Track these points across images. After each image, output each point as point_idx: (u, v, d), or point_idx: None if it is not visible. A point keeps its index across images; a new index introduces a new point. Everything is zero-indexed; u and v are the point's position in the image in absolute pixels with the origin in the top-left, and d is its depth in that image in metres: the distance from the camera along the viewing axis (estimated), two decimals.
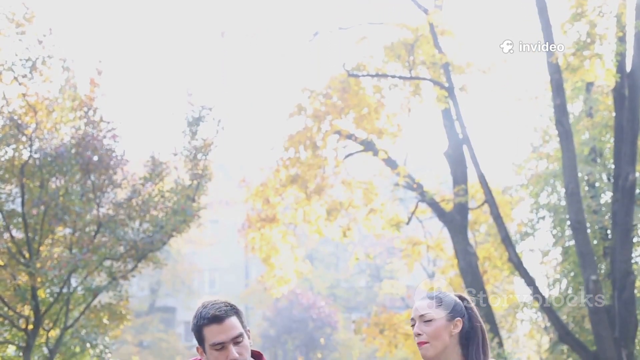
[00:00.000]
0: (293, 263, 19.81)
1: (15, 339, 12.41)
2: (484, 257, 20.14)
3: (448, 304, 4.27)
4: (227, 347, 4.19)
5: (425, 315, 4.22)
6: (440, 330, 4.19)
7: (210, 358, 4.26)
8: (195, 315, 4.27)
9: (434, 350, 4.20)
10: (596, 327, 14.33)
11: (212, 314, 4.20)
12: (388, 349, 20.36)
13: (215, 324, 4.20)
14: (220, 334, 4.19)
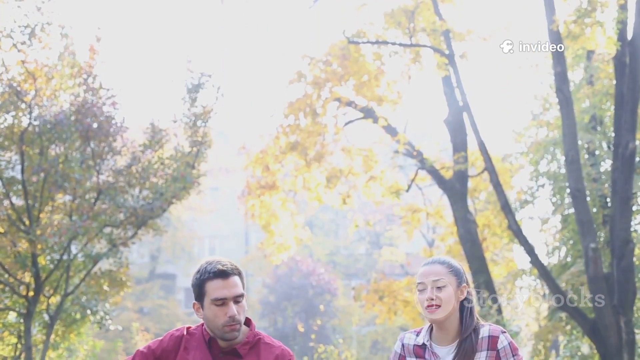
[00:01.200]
0: (293, 230, 19.84)
1: (16, 306, 12.46)
2: (483, 224, 20.18)
3: (457, 270, 4.37)
4: (227, 304, 4.22)
5: (439, 281, 4.28)
6: (452, 297, 4.29)
7: (208, 314, 4.28)
8: (199, 270, 4.30)
9: (443, 314, 4.27)
10: (595, 295, 14.38)
11: (218, 269, 4.24)
12: (387, 316, 20.45)
13: (220, 279, 4.24)
14: (223, 289, 4.23)
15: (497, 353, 4.28)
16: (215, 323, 4.26)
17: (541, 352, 22.06)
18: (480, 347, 4.27)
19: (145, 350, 4.42)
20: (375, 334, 37.71)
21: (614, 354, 14.14)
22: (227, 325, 4.23)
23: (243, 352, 4.33)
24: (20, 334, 12.44)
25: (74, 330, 13.49)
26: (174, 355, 4.37)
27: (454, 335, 4.33)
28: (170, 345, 4.40)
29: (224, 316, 4.22)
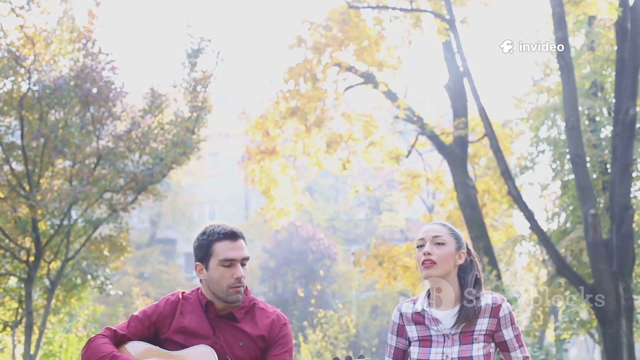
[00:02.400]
0: (293, 195, 19.86)
1: (17, 271, 12.49)
2: (483, 190, 20.19)
3: (457, 235, 4.41)
4: (235, 265, 4.26)
5: (439, 237, 4.32)
6: (449, 256, 4.31)
7: (214, 275, 4.29)
8: (205, 232, 4.33)
9: (438, 272, 4.30)
10: (594, 261, 14.42)
11: (229, 230, 4.29)
12: (387, 281, 20.51)
13: (230, 240, 4.28)
14: (232, 250, 4.27)
15: (498, 321, 4.31)
16: (220, 284, 4.28)
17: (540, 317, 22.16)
18: (483, 314, 4.30)
19: (141, 315, 4.44)
20: (375, 299, 37.85)
21: (613, 319, 14.20)
22: (233, 287, 4.26)
23: (239, 316, 4.36)
24: (21, 298, 12.48)
25: (75, 295, 13.54)
26: (170, 320, 4.40)
27: (453, 300, 4.35)
28: (166, 310, 4.42)
29: (230, 277, 4.25)
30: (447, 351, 4.28)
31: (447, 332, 4.30)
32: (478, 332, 4.29)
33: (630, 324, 14.38)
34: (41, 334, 11.89)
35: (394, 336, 4.47)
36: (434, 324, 4.33)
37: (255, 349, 4.34)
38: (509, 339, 4.34)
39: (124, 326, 4.43)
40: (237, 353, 4.31)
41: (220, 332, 4.35)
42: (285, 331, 4.43)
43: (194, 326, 4.33)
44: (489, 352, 4.29)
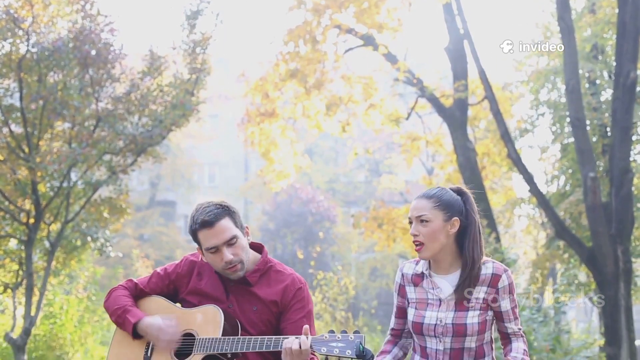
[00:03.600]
0: (292, 157, 19.86)
1: (17, 233, 12.51)
2: (483, 153, 20.18)
3: (446, 203, 4.31)
4: (220, 250, 4.27)
5: (422, 216, 4.27)
6: (437, 232, 4.26)
7: (207, 259, 4.35)
8: (190, 219, 4.36)
9: (429, 252, 4.28)
10: (593, 224, 14.45)
11: (201, 220, 4.28)
12: (386, 243, 20.56)
13: (206, 228, 4.28)
14: (212, 238, 4.27)
15: (497, 291, 4.31)
16: (216, 267, 4.34)
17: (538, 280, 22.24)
18: (482, 283, 4.30)
19: (162, 272, 4.53)
20: (374, 261, 37.95)
21: (611, 282, 14.26)
22: (227, 269, 4.29)
23: (253, 280, 4.38)
24: (22, 260, 12.52)
25: (75, 257, 13.58)
26: (187, 280, 4.46)
27: (451, 266, 4.35)
28: (184, 269, 4.49)
29: (220, 262, 4.28)
30: (441, 316, 4.29)
31: (443, 297, 4.31)
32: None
33: (629, 287, 14.45)
34: (41, 296, 11.93)
35: (397, 295, 4.49)
36: (431, 287, 4.35)
37: (268, 314, 4.36)
38: (505, 310, 4.33)
39: (145, 281, 4.54)
40: (251, 317, 4.34)
41: (233, 296, 4.38)
42: (301, 295, 4.43)
43: (208, 289, 4.39)
44: (484, 320, 4.29)
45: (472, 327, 4.24)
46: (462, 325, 4.24)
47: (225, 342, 4.14)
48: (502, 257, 9.92)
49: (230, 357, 4.19)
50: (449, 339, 4.26)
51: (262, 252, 4.50)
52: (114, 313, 4.38)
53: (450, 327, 4.25)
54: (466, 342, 4.26)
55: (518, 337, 4.40)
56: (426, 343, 4.33)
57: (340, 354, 3.95)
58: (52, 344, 12.58)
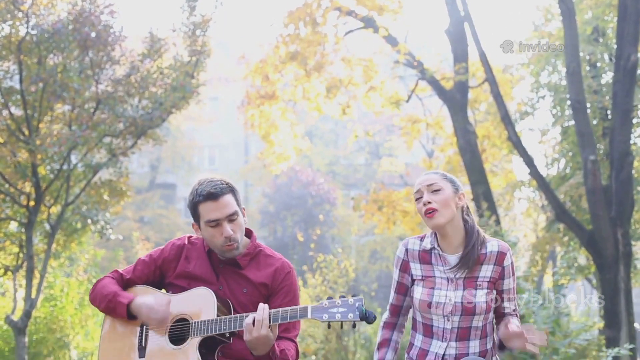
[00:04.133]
0: (292, 140, 19.85)
1: (17, 215, 12.52)
2: (483, 135, 20.17)
3: (452, 179, 4.44)
4: (221, 224, 4.27)
5: (434, 185, 4.32)
6: (449, 200, 4.33)
7: (205, 234, 4.34)
8: (191, 193, 4.35)
9: (444, 219, 4.31)
10: (593, 207, 14.46)
11: (207, 192, 4.27)
12: (386, 226, 20.57)
13: (210, 201, 4.27)
14: (214, 211, 4.27)
15: (502, 269, 4.33)
16: (213, 243, 4.32)
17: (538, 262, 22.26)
18: (488, 261, 4.32)
19: (147, 259, 4.50)
20: (374, 244, 38.00)
21: (611, 265, 14.27)
22: (225, 245, 4.29)
23: (243, 264, 4.39)
24: (22, 243, 12.53)
25: (75, 240, 13.58)
26: (175, 264, 4.45)
27: (459, 244, 4.37)
28: (171, 254, 4.47)
29: (220, 236, 4.28)
30: (450, 295, 4.30)
31: (452, 276, 4.32)
32: (482, 279, 4.31)
33: (628, 270, 14.46)
34: (42, 278, 11.95)
35: (398, 271, 4.48)
36: (441, 264, 4.35)
37: (258, 296, 4.38)
38: (507, 288, 4.38)
39: (130, 270, 4.52)
40: (241, 299, 4.35)
41: (223, 278, 4.39)
42: (289, 280, 4.45)
43: (198, 271, 4.39)
44: (491, 300, 4.32)
45: (481, 306, 4.26)
46: (471, 304, 4.26)
47: (222, 322, 4.14)
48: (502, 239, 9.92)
49: (228, 336, 4.20)
50: (457, 317, 4.28)
51: (252, 237, 4.51)
52: (103, 300, 4.36)
53: (459, 306, 4.26)
54: (474, 321, 4.28)
55: (512, 316, 4.43)
56: (432, 322, 4.34)
57: (342, 319, 3.94)
58: (52, 327, 12.60)
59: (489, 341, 4.33)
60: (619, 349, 9.19)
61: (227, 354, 4.27)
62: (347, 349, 14.82)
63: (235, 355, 4.29)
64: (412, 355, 4.42)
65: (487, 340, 4.34)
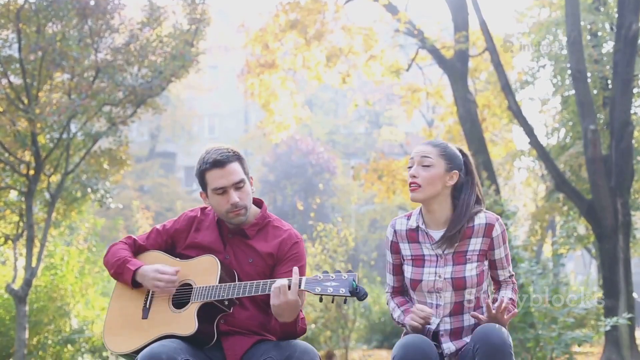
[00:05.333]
0: (292, 109, 19.82)
1: (17, 184, 12.51)
2: (483, 104, 20.13)
3: (450, 155, 4.36)
4: (228, 192, 4.31)
5: (426, 159, 4.29)
6: (436, 178, 4.29)
7: (212, 202, 4.38)
8: (199, 161, 4.39)
9: (423, 195, 4.29)
10: (593, 176, 14.46)
11: (214, 159, 4.30)
12: (386, 195, 20.59)
13: (217, 168, 4.30)
14: (221, 178, 4.31)
15: (491, 240, 4.33)
16: (219, 210, 4.35)
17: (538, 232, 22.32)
18: (476, 234, 4.32)
19: (161, 229, 4.58)
20: (374, 213, 38.07)
21: (610, 235, 14.30)
22: (231, 212, 4.32)
23: (251, 234, 4.42)
24: (22, 212, 12.53)
25: (75, 209, 13.59)
26: (185, 235, 4.51)
27: (445, 221, 4.37)
28: (183, 225, 4.53)
29: (226, 204, 4.30)
30: (440, 271, 4.30)
31: (440, 252, 4.32)
32: (471, 252, 4.32)
33: (627, 240, 14.49)
34: (42, 247, 11.96)
35: (390, 252, 4.49)
36: (427, 241, 4.35)
37: (264, 266, 4.40)
38: (499, 258, 4.38)
39: (144, 237, 4.61)
40: (246, 269, 4.38)
41: (230, 248, 4.42)
42: (296, 249, 4.47)
43: (206, 241, 4.43)
44: (482, 271, 4.33)
45: (472, 280, 4.26)
46: (461, 278, 4.26)
47: (222, 289, 4.17)
48: (501, 209, 9.93)
49: (227, 304, 4.23)
50: (448, 293, 4.29)
51: (262, 207, 4.54)
52: (113, 265, 4.43)
53: (449, 282, 4.27)
54: (466, 294, 4.29)
55: (508, 285, 4.47)
56: (425, 299, 4.35)
57: (334, 292, 3.97)
58: (53, 295, 12.64)
59: (484, 312, 4.35)
60: (618, 318, 9.23)
61: (228, 322, 4.30)
62: (347, 317, 14.88)
63: (237, 324, 4.31)
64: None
65: (482, 311, 4.35)
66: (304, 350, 4.06)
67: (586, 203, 14.78)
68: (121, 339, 4.34)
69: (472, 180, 4.42)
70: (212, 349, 4.24)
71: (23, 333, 11.26)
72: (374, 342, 20.22)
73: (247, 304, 4.34)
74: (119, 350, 4.33)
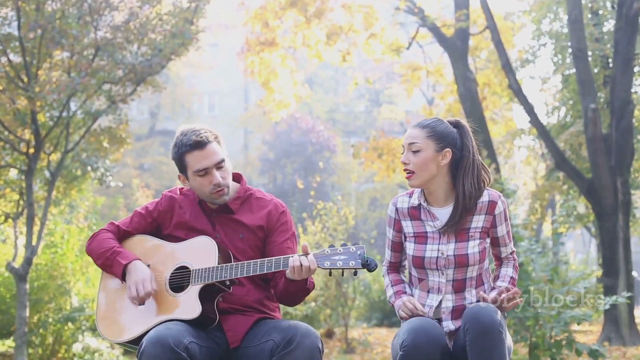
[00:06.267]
0: (292, 87, 19.81)
1: (17, 163, 12.49)
2: (483, 83, 20.11)
3: (440, 134, 4.30)
4: (210, 172, 4.29)
5: (413, 145, 4.27)
6: (427, 161, 4.26)
7: (193, 184, 4.34)
8: (175, 144, 4.34)
9: (418, 181, 4.29)
10: (593, 155, 14.46)
11: (194, 140, 4.27)
12: (386, 173, 20.60)
13: (198, 150, 4.28)
14: (203, 159, 4.28)
15: (494, 218, 4.34)
16: (202, 192, 4.33)
17: (537, 210, 22.33)
18: (479, 211, 4.32)
19: (143, 211, 4.51)
20: (374, 191, 38.08)
21: (610, 214, 14.31)
22: (214, 192, 4.30)
23: (234, 208, 4.41)
24: (22, 190, 12.52)
25: (75, 187, 13.57)
26: (170, 215, 4.47)
27: (447, 198, 4.36)
28: (166, 206, 4.49)
29: (209, 184, 4.29)
30: (442, 248, 4.31)
31: (443, 229, 4.32)
32: (474, 229, 4.32)
33: (627, 218, 14.51)
34: (42, 226, 11.95)
35: (391, 229, 4.49)
36: (430, 219, 4.36)
37: (255, 239, 4.40)
38: (501, 235, 4.39)
39: (127, 222, 4.52)
40: (238, 245, 4.37)
41: (219, 226, 4.40)
42: (285, 218, 4.48)
43: (193, 222, 4.40)
44: (484, 249, 4.34)
45: (474, 257, 4.27)
46: (464, 255, 4.27)
47: (222, 269, 4.15)
48: (501, 187, 9.94)
49: (228, 284, 4.22)
50: (451, 270, 4.29)
51: (241, 181, 4.52)
52: (101, 256, 4.36)
53: (452, 259, 4.27)
54: (468, 272, 4.30)
55: (509, 262, 4.48)
56: (427, 276, 4.35)
57: (344, 266, 3.96)
58: (53, 273, 12.64)
59: (487, 289, 4.36)
60: (617, 297, 9.23)
61: (227, 300, 4.30)
62: (347, 295, 14.91)
63: (235, 301, 4.31)
64: None
65: (484, 288, 4.36)
66: (306, 332, 4.04)
67: (586, 182, 14.79)
68: (119, 327, 4.31)
69: (469, 153, 4.36)
70: (214, 329, 4.23)
71: (24, 311, 11.28)
72: (374, 320, 20.28)
73: (243, 281, 4.33)
74: (117, 339, 4.29)
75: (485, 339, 3.92)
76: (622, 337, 13.89)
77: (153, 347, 3.87)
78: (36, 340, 12.28)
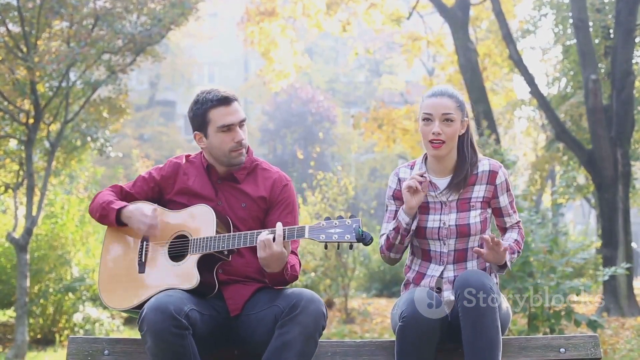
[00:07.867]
0: (292, 57, 19.76)
1: (17, 133, 12.47)
2: (484, 53, 20.06)
3: (463, 105, 4.38)
4: (234, 129, 4.29)
5: (449, 115, 4.27)
6: (457, 131, 4.35)
7: (214, 141, 4.33)
8: (198, 100, 4.32)
9: (446, 151, 4.33)
10: (593, 126, 14.45)
11: (221, 96, 4.28)
12: (386, 144, 20.61)
13: (224, 106, 4.28)
14: (229, 115, 4.29)
15: (495, 188, 4.34)
16: (222, 150, 4.31)
17: (537, 181, 22.34)
18: (480, 181, 4.33)
19: (147, 176, 4.53)
20: (374, 162, 38.07)
21: (610, 185, 14.32)
22: (234, 150, 4.30)
23: (240, 178, 4.40)
24: (22, 161, 12.51)
25: (75, 157, 13.57)
26: (172, 181, 4.46)
27: (451, 168, 4.37)
28: (169, 171, 4.48)
29: (231, 142, 4.28)
30: (444, 218, 4.32)
31: (445, 200, 4.33)
32: (475, 199, 4.33)
33: (627, 190, 14.52)
34: (42, 196, 11.96)
35: (393, 200, 4.49)
36: (432, 190, 4.36)
37: (257, 210, 4.40)
38: (504, 205, 4.40)
39: (131, 185, 4.55)
40: (240, 214, 4.37)
41: (222, 194, 4.40)
42: (287, 192, 4.47)
43: (197, 188, 4.40)
44: (485, 219, 4.35)
45: (475, 227, 4.28)
46: (465, 225, 4.28)
47: (220, 239, 4.15)
48: (501, 158, 9.93)
49: (226, 254, 4.23)
50: (453, 240, 4.30)
51: (248, 152, 4.50)
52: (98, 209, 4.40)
53: (454, 229, 4.28)
54: (470, 242, 4.31)
55: (514, 228, 4.49)
56: (429, 246, 4.36)
57: (339, 239, 3.93)
58: (53, 244, 12.66)
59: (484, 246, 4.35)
60: (616, 268, 9.26)
61: (226, 271, 4.30)
62: (346, 266, 14.95)
63: (234, 272, 4.31)
64: (410, 277, 4.46)
65: None
66: (310, 298, 4.05)
67: (586, 153, 14.79)
68: (120, 294, 4.32)
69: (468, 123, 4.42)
70: (215, 298, 4.25)
71: (24, 281, 11.31)
72: (373, 290, 20.34)
73: (242, 251, 4.33)
74: (119, 307, 4.30)
75: (477, 305, 3.95)
76: (620, 308, 13.94)
77: (154, 314, 3.89)
78: (37, 310, 12.32)
